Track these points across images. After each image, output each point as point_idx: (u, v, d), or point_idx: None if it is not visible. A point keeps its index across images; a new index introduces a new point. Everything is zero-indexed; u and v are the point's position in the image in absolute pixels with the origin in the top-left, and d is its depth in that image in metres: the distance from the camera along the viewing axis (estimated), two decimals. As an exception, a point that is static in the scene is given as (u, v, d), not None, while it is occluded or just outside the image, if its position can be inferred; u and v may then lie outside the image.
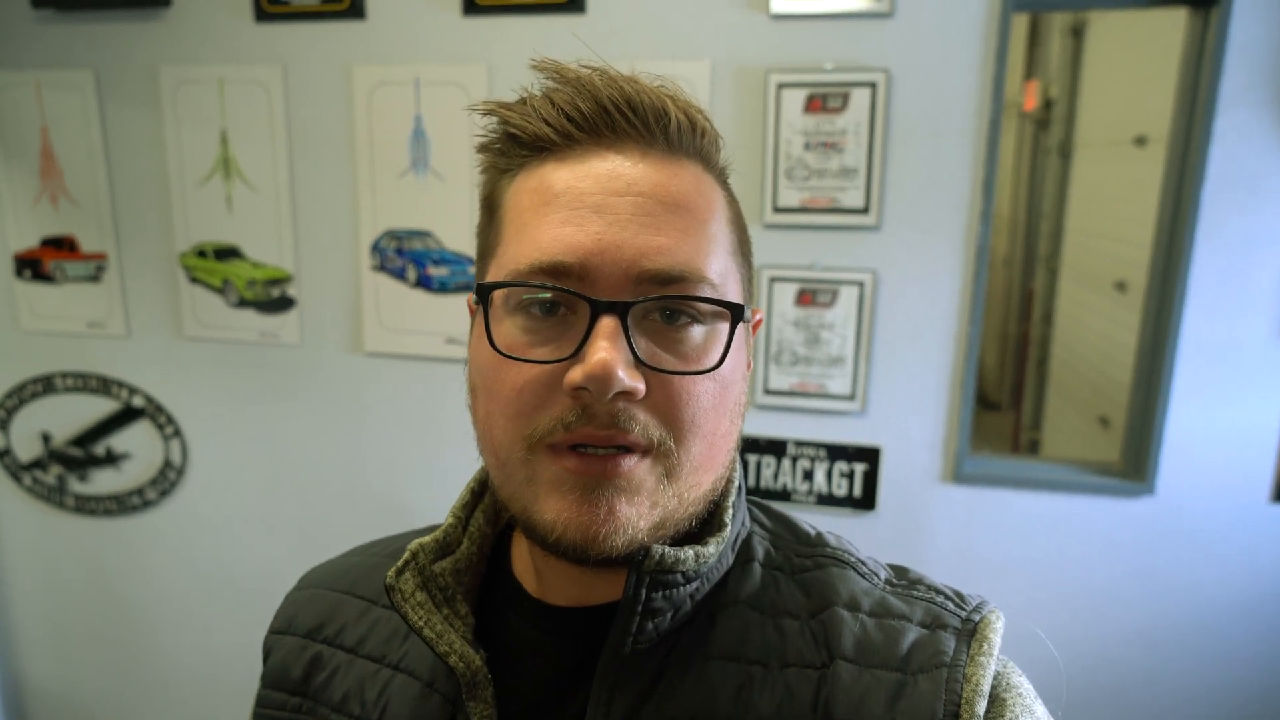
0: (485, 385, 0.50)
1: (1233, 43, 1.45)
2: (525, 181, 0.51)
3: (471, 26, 1.69)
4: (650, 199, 0.48)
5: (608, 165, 0.49)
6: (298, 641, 0.63)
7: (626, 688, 0.51)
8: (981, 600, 0.54)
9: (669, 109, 0.50)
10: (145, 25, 1.83)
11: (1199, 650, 1.68)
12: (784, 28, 1.58)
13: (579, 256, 0.47)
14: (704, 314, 0.49)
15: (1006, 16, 1.49)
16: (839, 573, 0.56)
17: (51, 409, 2.09)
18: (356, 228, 1.83)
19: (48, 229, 1.98)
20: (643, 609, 0.50)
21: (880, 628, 0.52)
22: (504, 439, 0.49)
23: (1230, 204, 1.51)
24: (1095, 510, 1.66)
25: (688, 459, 0.48)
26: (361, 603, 0.63)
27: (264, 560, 2.07)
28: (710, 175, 0.53)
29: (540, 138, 0.50)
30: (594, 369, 0.44)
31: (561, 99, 0.50)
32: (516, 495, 0.50)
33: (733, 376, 0.51)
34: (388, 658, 0.58)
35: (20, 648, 2.30)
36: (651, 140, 0.50)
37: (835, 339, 1.66)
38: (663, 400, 0.47)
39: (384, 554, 0.67)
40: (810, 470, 1.73)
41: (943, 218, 1.59)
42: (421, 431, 1.90)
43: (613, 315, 0.46)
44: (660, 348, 0.48)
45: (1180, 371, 1.57)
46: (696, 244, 0.49)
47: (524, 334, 0.48)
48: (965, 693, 0.48)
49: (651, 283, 0.47)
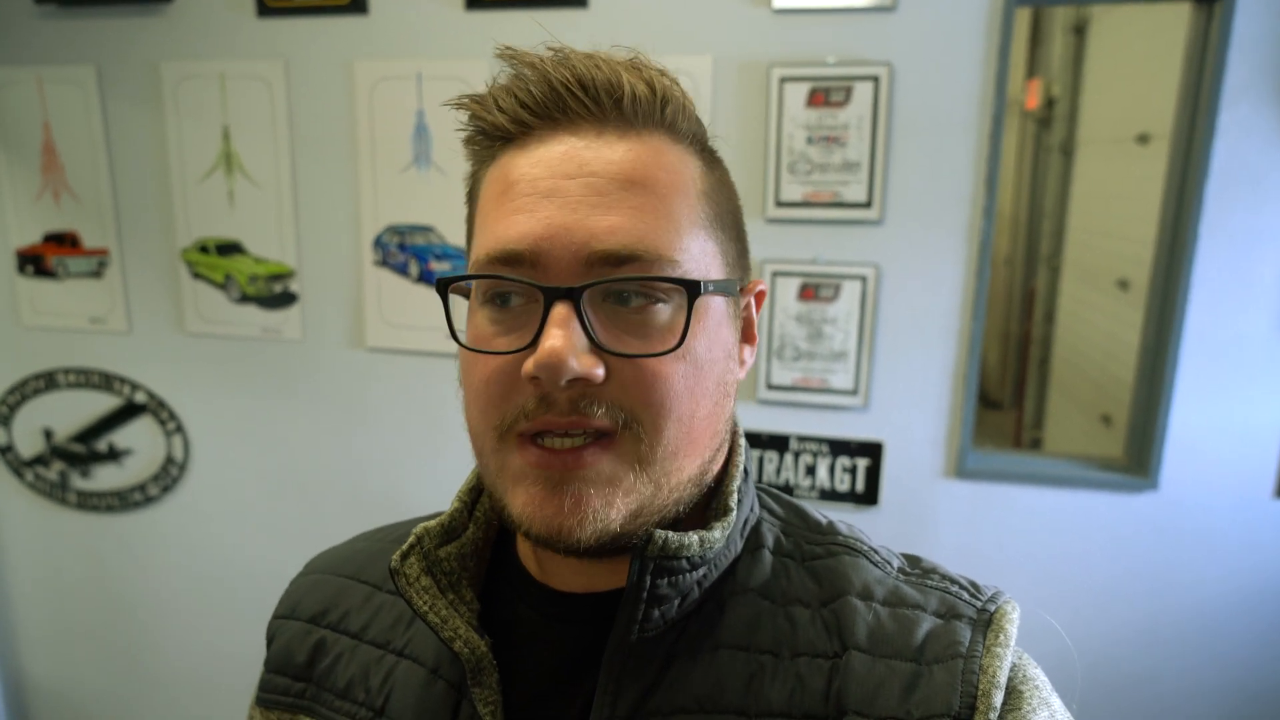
0: (463, 378, 0.51)
1: (1236, 38, 1.45)
2: (493, 172, 0.51)
3: (473, 21, 1.69)
4: (602, 178, 0.47)
5: (561, 148, 0.48)
6: (302, 626, 0.63)
7: (634, 677, 0.50)
8: (997, 590, 0.53)
9: (623, 81, 0.48)
10: (147, 21, 1.83)
11: (1201, 646, 1.68)
12: (786, 22, 1.58)
13: (529, 244, 0.46)
14: (666, 292, 0.47)
15: (1009, 10, 1.49)
16: (851, 561, 0.55)
17: (53, 405, 2.09)
18: (358, 223, 1.83)
19: (49, 225, 1.98)
20: (648, 596, 0.49)
21: (894, 617, 0.51)
22: (477, 430, 0.50)
23: (1233, 200, 1.51)
24: (1098, 505, 1.65)
25: (660, 444, 0.47)
26: (366, 588, 0.63)
27: (266, 555, 2.07)
28: (679, 145, 0.51)
29: (498, 127, 0.50)
30: (543, 357, 0.44)
31: (517, 86, 0.49)
32: (493, 485, 0.50)
33: (709, 355, 0.49)
34: (392, 644, 0.58)
35: (21, 643, 2.30)
36: (604, 117, 0.49)
37: (838, 334, 1.66)
38: (630, 383, 0.46)
39: (389, 539, 0.67)
40: (813, 465, 1.72)
41: (945, 213, 1.59)
42: (423, 426, 1.90)
43: (566, 302, 0.45)
44: (624, 331, 0.47)
45: (1183, 367, 1.57)
46: (654, 221, 0.47)
47: (490, 325, 0.48)
48: (982, 684, 0.47)
49: (603, 264, 0.46)
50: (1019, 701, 0.47)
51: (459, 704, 0.53)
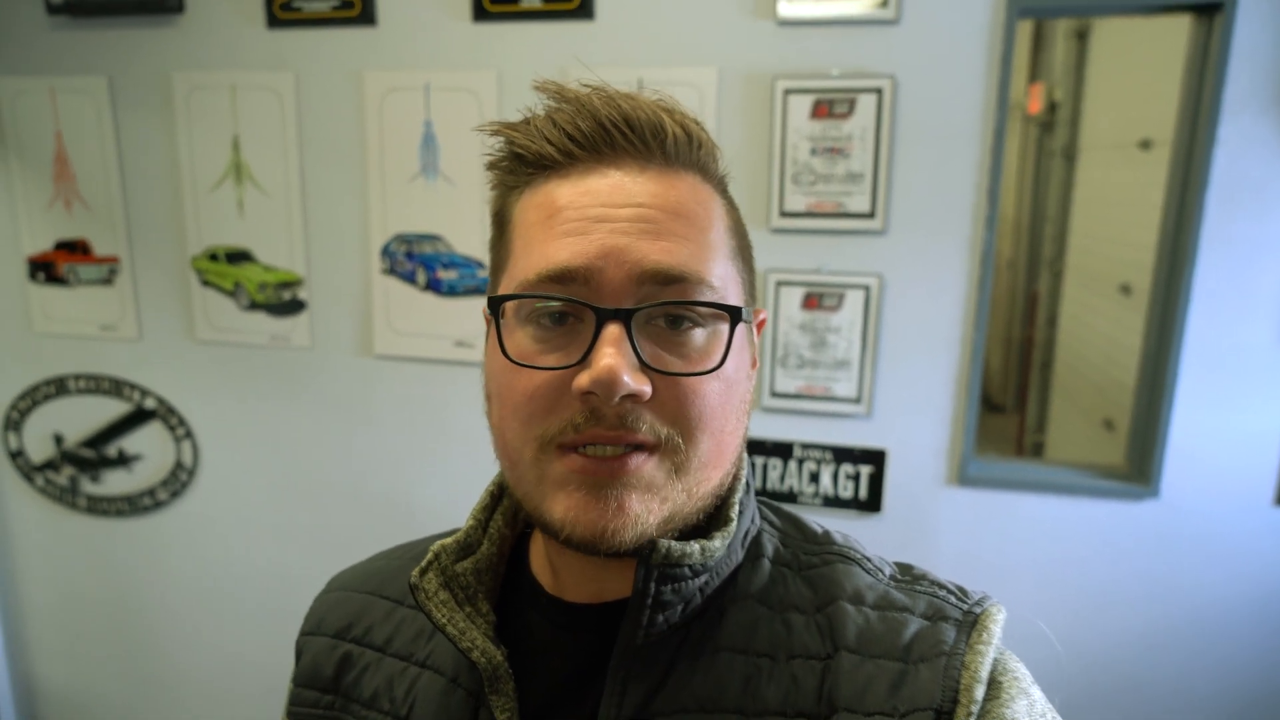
0: (499, 392, 0.53)
1: (1237, 49, 1.46)
2: (531, 198, 0.54)
3: (482, 33, 1.71)
4: (650, 208, 0.51)
5: (608, 181, 0.51)
6: (328, 641, 0.65)
7: (639, 679, 0.53)
8: (984, 595, 0.56)
9: (665, 124, 0.52)
10: (158, 32, 1.85)
11: (1201, 654, 1.69)
12: (791, 34, 1.60)
13: (584, 261, 0.49)
14: (704, 317, 0.51)
15: (1012, 23, 1.51)
16: (844, 568, 0.58)
17: (64, 411, 2.11)
18: (367, 231, 1.85)
19: (61, 233, 2.00)
20: (652, 602, 0.52)
21: (883, 619, 0.54)
22: (515, 441, 0.52)
23: (1234, 210, 1.52)
24: (1099, 513, 1.67)
25: (696, 455, 0.50)
26: (387, 603, 0.65)
27: (275, 561, 2.09)
28: (708, 185, 0.55)
29: (543, 156, 0.53)
30: (600, 374, 0.47)
31: (562, 119, 0.52)
32: (529, 495, 0.52)
33: (736, 375, 0.53)
34: (414, 655, 0.61)
35: (31, 647, 2.32)
36: (649, 155, 0.52)
37: (841, 342, 1.67)
38: (670, 400, 0.50)
39: (408, 556, 0.69)
40: (816, 473, 1.74)
41: (948, 222, 1.61)
42: (431, 434, 1.92)
43: (617, 321, 0.48)
44: (664, 350, 0.50)
45: (1184, 375, 1.58)
46: (696, 248, 0.51)
47: (534, 342, 0.51)
48: (964, 679, 0.49)
49: (653, 282, 0.49)
50: (998, 692, 0.50)
51: (477, 710, 0.56)
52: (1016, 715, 0.48)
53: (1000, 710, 0.49)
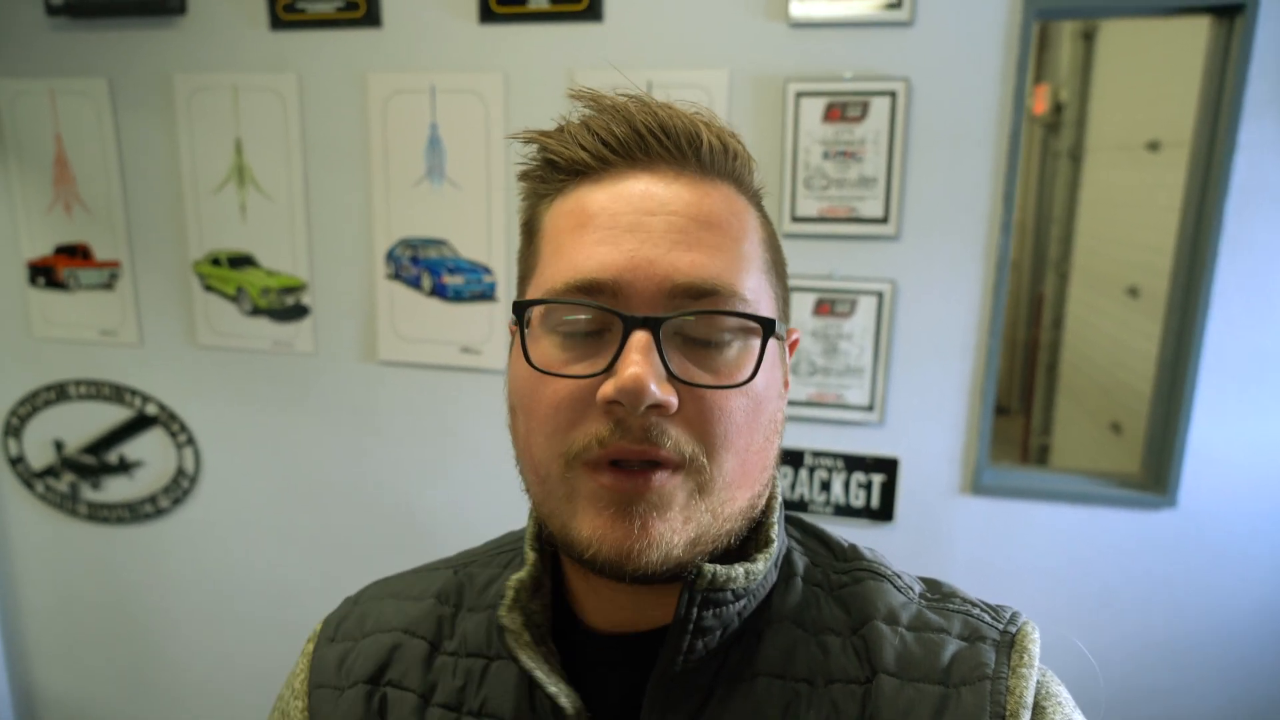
0: (523, 403, 0.51)
1: (1258, 52, 1.44)
2: (563, 205, 0.52)
3: (488, 34, 1.68)
4: (683, 217, 0.49)
5: (641, 186, 0.50)
6: (360, 690, 0.59)
7: (676, 707, 0.51)
8: (1015, 612, 0.55)
9: (701, 132, 0.52)
10: (159, 33, 1.82)
11: (1219, 664, 1.67)
12: (803, 36, 1.57)
13: (613, 274, 0.48)
14: (735, 330, 0.50)
15: (1028, 25, 1.48)
16: (875, 586, 0.56)
17: (64, 417, 2.09)
18: (371, 236, 1.82)
19: (61, 237, 1.97)
20: (694, 628, 0.50)
21: (920, 641, 0.53)
22: (543, 456, 0.50)
23: (1254, 214, 1.50)
24: (1116, 522, 1.64)
25: (720, 474, 0.49)
26: (422, 644, 0.60)
27: (276, 568, 2.07)
28: (743, 197, 0.54)
29: (577, 162, 0.52)
30: (626, 382, 0.45)
31: (598, 125, 0.52)
32: (556, 512, 0.50)
33: (766, 393, 0.51)
34: (465, 705, 0.56)
35: (31, 654, 2.29)
36: (684, 162, 0.51)
37: (853, 349, 1.65)
38: (695, 415, 0.48)
39: (429, 594, 0.64)
40: (828, 481, 1.72)
41: (962, 228, 1.58)
42: (435, 440, 1.90)
43: (645, 330, 0.47)
44: (693, 363, 0.49)
45: (1202, 383, 1.56)
46: (729, 260, 0.50)
47: (560, 351, 0.49)
48: (1010, 705, 0.48)
49: (684, 297, 0.48)
50: (1042, 716, 0.49)
51: None
52: None
53: None
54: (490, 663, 0.57)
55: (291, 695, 0.63)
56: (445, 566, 0.66)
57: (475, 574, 0.64)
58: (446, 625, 0.61)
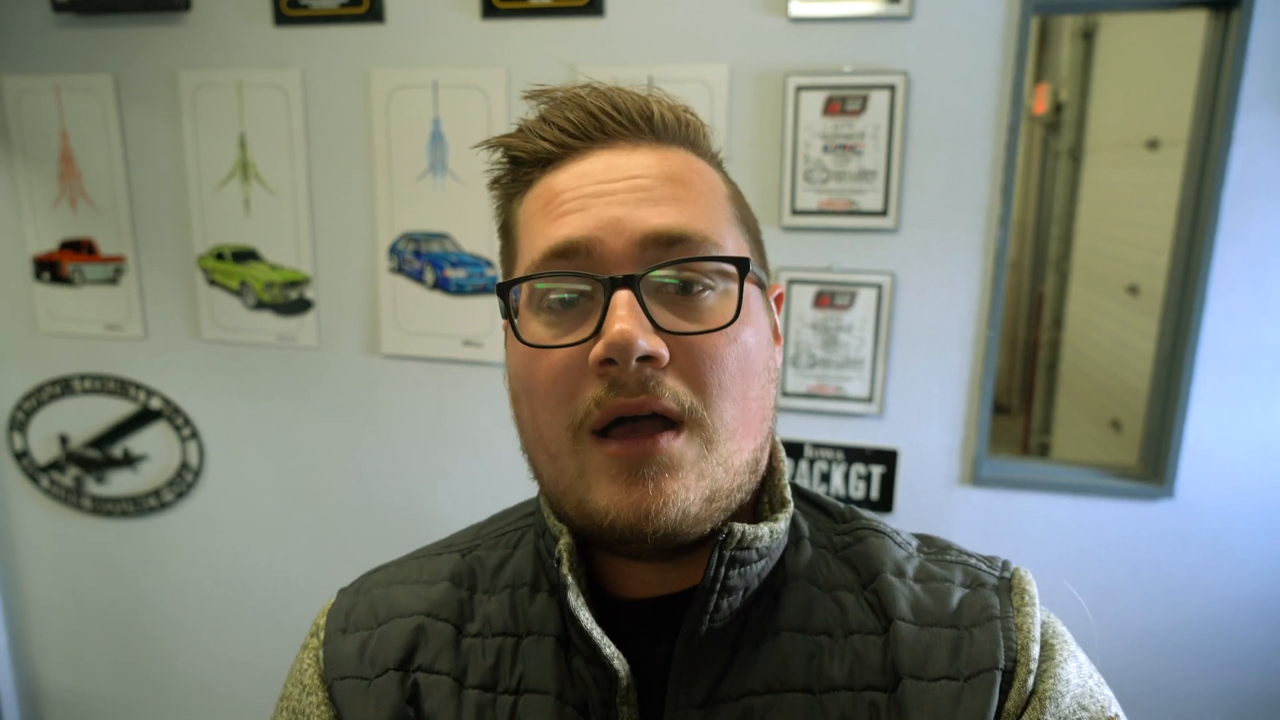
0: (524, 385, 0.53)
1: (1254, 45, 1.45)
2: (532, 194, 0.55)
3: (490, 29, 1.70)
4: (645, 178, 0.52)
5: (602, 162, 0.53)
6: (391, 677, 0.57)
7: (705, 666, 0.53)
8: (1006, 560, 0.59)
9: (652, 106, 0.55)
10: (164, 29, 1.84)
11: (1217, 655, 1.68)
12: (802, 30, 1.58)
13: (584, 233, 0.50)
14: (712, 274, 0.51)
15: (1026, 19, 1.49)
16: (878, 543, 0.59)
17: (69, 411, 2.10)
18: (374, 230, 1.84)
19: (66, 232, 1.99)
20: (720, 588, 0.52)
21: (928, 590, 0.56)
22: (550, 432, 0.51)
23: (1251, 208, 1.50)
24: (1114, 513, 1.65)
25: (721, 424, 0.50)
26: (447, 627, 0.59)
27: (280, 561, 2.08)
28: (702, 159, 0.56)
29: (539, 153, 0.55)
30: (614, 338, 0.46)
31: (554, 115, 0.55)
32: (570, 489, 0.51)
33: (755, 340, 0.53)
34: (500, 684, 0.56)
35: (35, 648, 2.30)
36: (640, 134, 0.54)
37: (853, 341, 1.66)
38: (687, 365, 0.49)
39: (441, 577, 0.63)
40: (828, 473, 1.72)
41: (961, 221, 1.59)
42: (438, 434, 1.91)
43: (625, 288, 0.48)
44: (677, 315, 0.50)
45: (1200, 375, 1.57)
46: (695, 210, 0.52)
47: (548, 328, 0.51)
48: (1019, 640, 0.52)
49: (655, 247, 0.50)
50: (1051, 653, 0.52)
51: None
52: (1069, 676, 0.51)
53: (1056, 670, 0.51)
54: (520, 640, 0.57)
55: (303, 692, 0.60)
56: (448, 550, 0.65)
57: (484, 557, 0.63)
58: (466, 608, 0.60)
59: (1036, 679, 0.51)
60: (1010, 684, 0.51)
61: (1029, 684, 0.51)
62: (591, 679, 0.53)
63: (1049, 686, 0.51)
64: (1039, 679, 0.51)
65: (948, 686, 0.51)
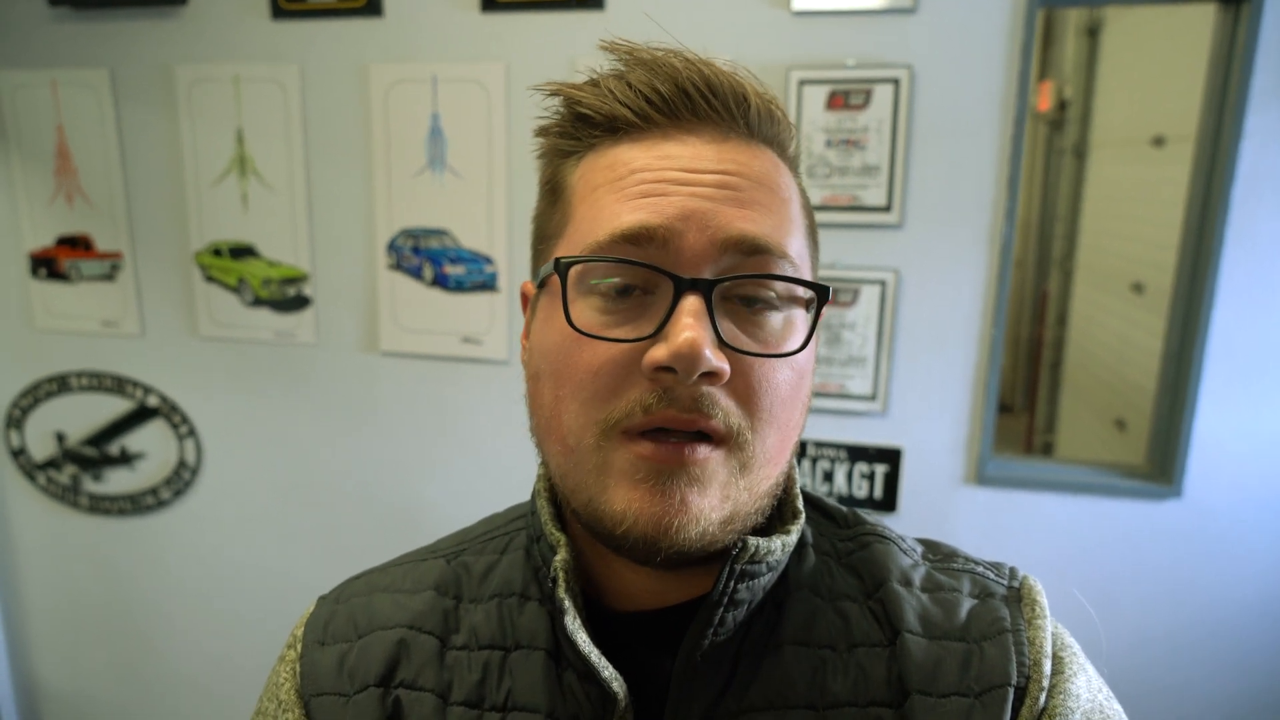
0: (554, 369, 0.48)
1: (1264, 40, 1.42)
2: (597, 160, 0.50)
3: (489, 24, 1.68)
4: (733, 175, 0.47)
5: (687, 149, 0.48)
6: (372, 694, 0.54)
7: (705, 682, 0.50)
8: (1013, 567, 0.57)
9: (748, 95, 0.50)
10: (161, 24, 1.82)
11: (1224, 655, 1.66)
12: (805, 24, 1.56)
13: (663, 221, 0.45)
14: (781, 299, 0.48)
15: (1032, 12, 1.47)
16: (883, 549, 0.56)
17: (66, 408, 2.09)
18: (372, 226, 1.82)
19: (63, 228, 1.97)
20: (727, 601, 0.49)
21: (936, 601, 0.53)
22: (575, 425, 0.47)
23: (1259, 205, 1.48)
24: (1120, 513, 1.63)
25: (762, 450, 0.47)
26: (431, 640, 0.56)
27: (278, 560, 2.06)
28: (784, 162, 0.53)
29: (615, 118, 0.49)
30: (682, 347, 0.42)
31: (638, 80, 0.49)
32: (584, 485, 0.48)
33: (807, 366, 0.50)
34: (487, 700, 0.53)
35: (32, 646, 2.29)
36: (731, 124, 0.49)
37: (856, 338, 1.64)
38: (743, 387, 0.46)
39: (425, 585, 0.60)
40: (830, 471, 1.71)
41: (966, 216, 1.57)
42: (437, 431, 1.89)
43: (697, 293, 0.44)
44: (741, 330, 0.47)
45: (1208, 373, 1.55)
46: (779, 221, 0.48)
47: (599, 314, 0.47)
48: (1031, 654, 0.50)
49: (736, 252, 0.46)
50: (1061, 667, 0.50)
51: None
52: (1079, 691, 0.49)
53: (1066, 685, 0.49)
54: (508, 654, 0.54)
55: (279, 708, 0.56)
56: (433, 556, 0.62)
57: (470, 563, 0.60)
58: (451, 618, 0.57)
59: (1048, 695, 0.49)
60: (1022, 700, 0.49)
61: (1040, 701, 0.49)
62: (585, 696, 0.51)
63: (1059, 703, 0.49)
64: (1049, 695, 0.49)
65: (959, 703, 0.48)
